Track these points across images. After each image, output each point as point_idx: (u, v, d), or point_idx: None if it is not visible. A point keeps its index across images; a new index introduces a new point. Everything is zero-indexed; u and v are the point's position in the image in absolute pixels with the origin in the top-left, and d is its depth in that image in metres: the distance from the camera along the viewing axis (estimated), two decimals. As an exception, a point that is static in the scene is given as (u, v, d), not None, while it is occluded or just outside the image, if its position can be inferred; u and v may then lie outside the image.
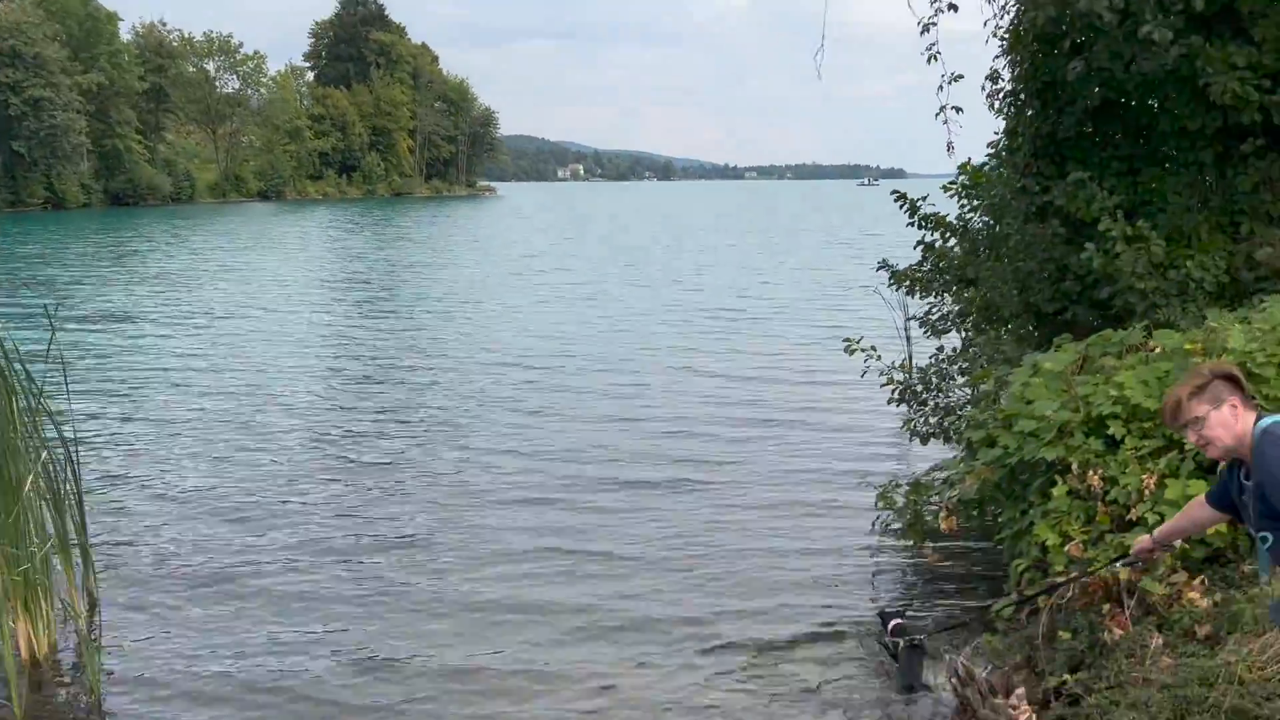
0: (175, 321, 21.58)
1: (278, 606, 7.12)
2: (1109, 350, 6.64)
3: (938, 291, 10.47)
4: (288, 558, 8.04)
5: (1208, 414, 3.39)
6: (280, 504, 9.39)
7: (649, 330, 20.00)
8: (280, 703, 5.84)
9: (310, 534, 8.59)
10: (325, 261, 37.26)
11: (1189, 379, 3.49)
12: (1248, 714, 4.37)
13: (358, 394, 14.50)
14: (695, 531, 8.64)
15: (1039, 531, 5.81)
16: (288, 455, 11.11)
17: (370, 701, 5.86)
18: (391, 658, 6.38)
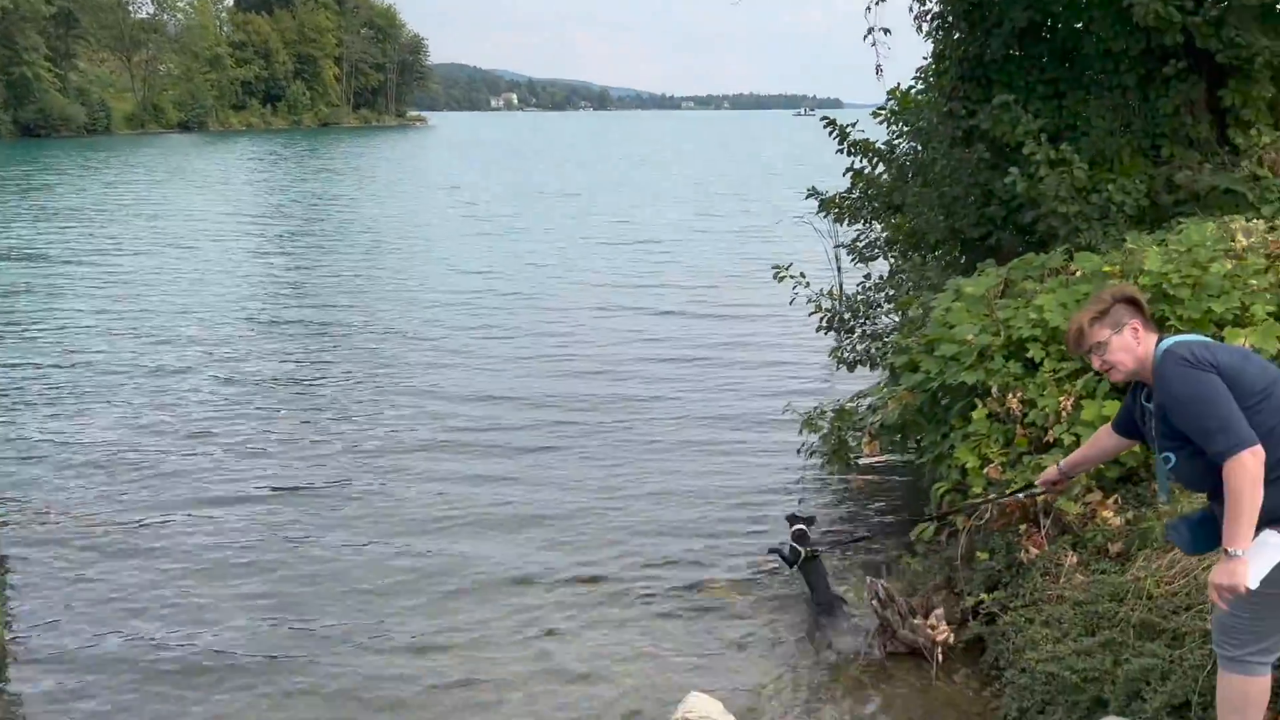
0: (83, 259, 20.61)
1: (186, 563, 6.77)
2: (1030, 274, 6.66)
3: (866, 219, 10.44)
4: (197, 511, 7.66)
5: (1109, 339, 3.40)
6: (191, 454, 8.99)
7: (578, 265, 19.75)
8: (189, 667, 5.52)
9: (222, 486, 8.24)
10: (245, 195, 36.08)
11: (1090, 304, 3.48)
12: (1155, 627, 4.46)
13: (274, 335, 13.99)
14: (623, 468, 8.58)
15: (959, 454, 5.85)
16: (200, 401, 10.67)
17: (281, 656, 5.67)
18: (304, 613, 6.18)
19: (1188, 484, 3.40)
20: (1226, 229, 6.16)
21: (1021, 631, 4.95)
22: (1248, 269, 5.71)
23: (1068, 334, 3.55)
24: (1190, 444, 3.23)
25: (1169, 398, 3.23)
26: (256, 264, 20.50)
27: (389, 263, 20.38)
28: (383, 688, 5.34)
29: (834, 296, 10.18)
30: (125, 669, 5.49)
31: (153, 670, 5.48)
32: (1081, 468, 4.16)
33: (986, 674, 5.20)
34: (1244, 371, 3.19)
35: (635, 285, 17.38)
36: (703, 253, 21.15)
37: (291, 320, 14.92)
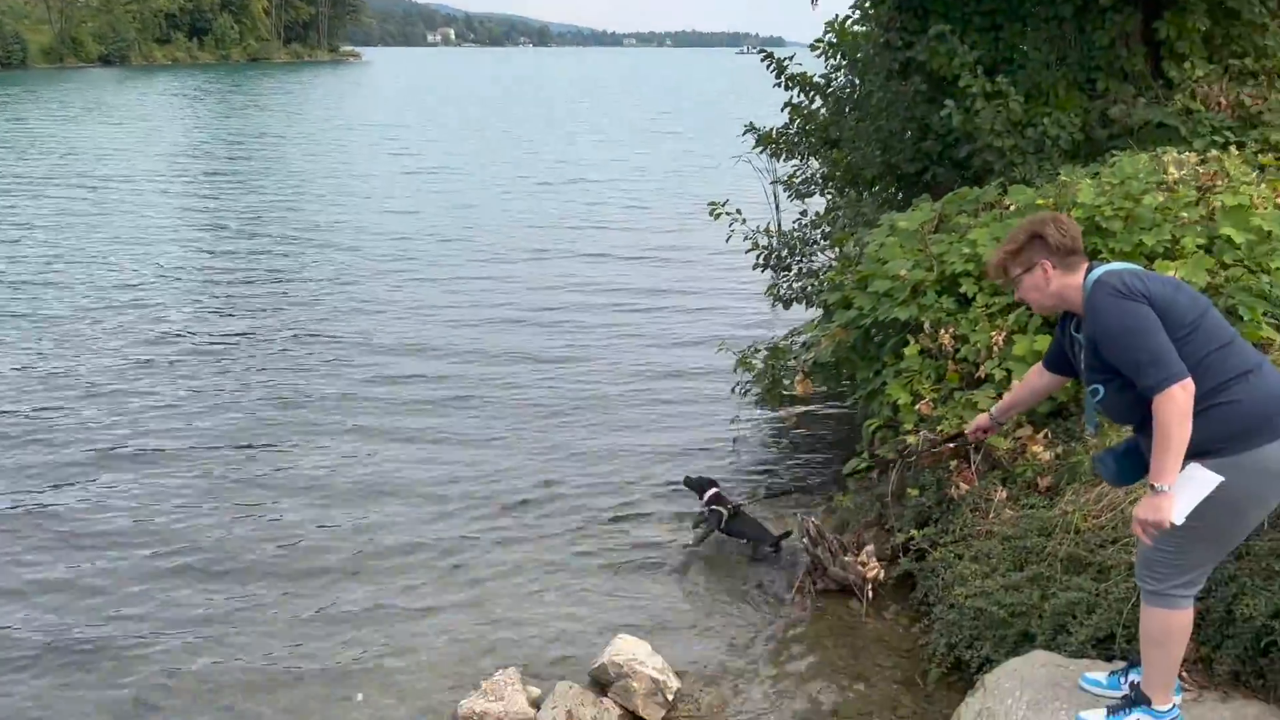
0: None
1: (92, 518, 6.48)
2: (964, 208, 6.58)
3: (803, 154, 10.29)
4: (102, 469, 7.24)
5: (1020, 277, 3.35)
6: (90, 408, 8.47)
7: (513, 206, 19.18)
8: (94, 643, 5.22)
9: (133, 436, 7.86)
10: (165, 132, 34.52)
11: (1007, 240, 3.40)
12: (1082, 561, 4.46)
13: (188, 281, 13.26)
14: (557, 415, 8.38)
15: (891, 391, 5.79)
16: (103, 351, 10.08)
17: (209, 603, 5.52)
18: (239, 552, 6.04)
19: (1115, 417, 3.34)
20: (1159, 161, 6.12)
21: (951, 567, 4.93)
22: (1179, 201, 5.68)
23: (988, 268, 3.48)
24: (1119, 377, 3.16)
25: (1099, 330, 3.15)
26: (172, 205, 19.50)
27: (315, 204, 19.55)
28: (307, 635, 5.19)
29: (771, 234, 10.03)
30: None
31: (54, 648, 5.16)
32: (1014, 411, 4.08)
33: (916, 610, 5.20)
34: (1175, 302, 3.11)
35: (571, 227, 16.99)
36: (641, 192, 20.83)
37: (207, 265, 14.20)
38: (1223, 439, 3.04)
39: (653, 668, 4.46)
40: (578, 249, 15.13)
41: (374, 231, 16.60)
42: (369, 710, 4.57)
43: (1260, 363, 3.13)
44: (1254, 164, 6.50)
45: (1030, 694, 3.76)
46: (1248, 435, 3.03)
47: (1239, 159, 6.27)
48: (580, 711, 4.27)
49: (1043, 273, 3.31)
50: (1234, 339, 3.14)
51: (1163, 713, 3.36)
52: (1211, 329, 3.12)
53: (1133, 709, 3.41)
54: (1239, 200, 5.59)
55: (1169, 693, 3.38)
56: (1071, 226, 3.32)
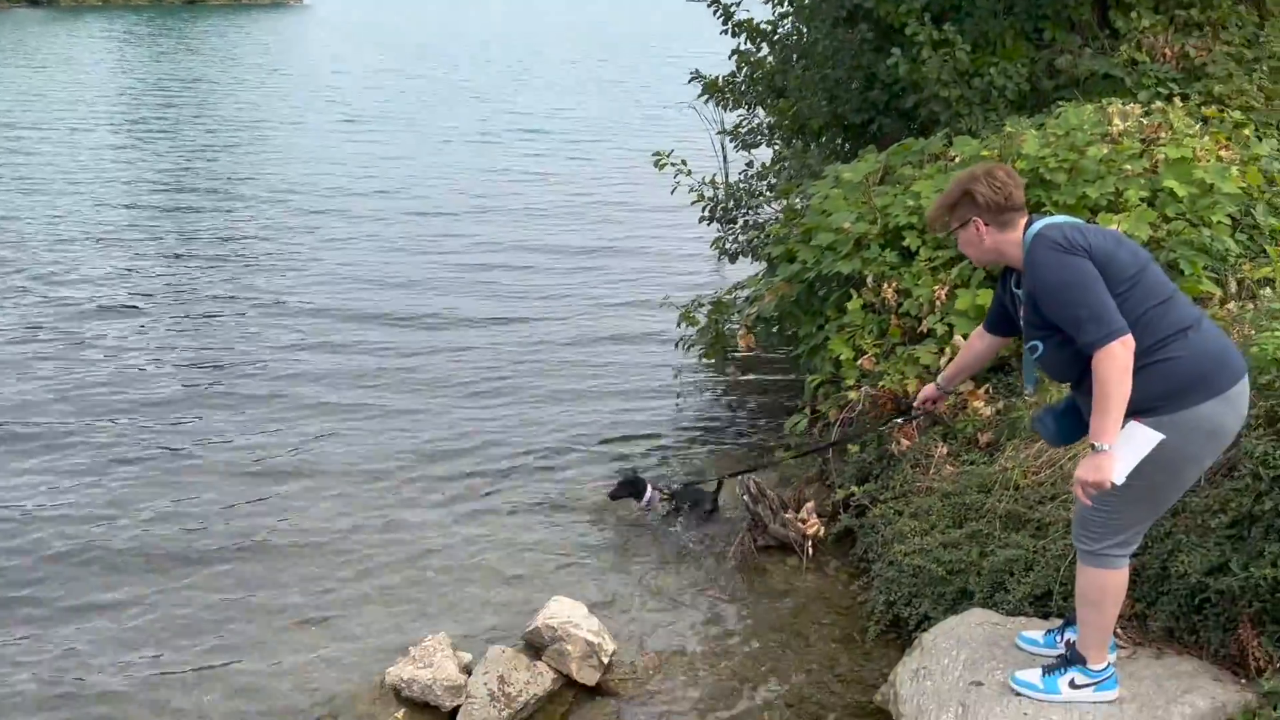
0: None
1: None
2: (909, 159, 6.47)
3: (750, 103, 10.09)
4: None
5: (956, 232, 3.29)
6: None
7: (452, 158, 18.17)
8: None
9: (33, 406, 7.35)
10: (90, 76, 32.91)
11: (942, 195, 3.33)
12: (1021, 518, 4.43)
13: (105, 233, 12.39)
14: (496, 372, 8.11)
15: (833, 346, 5.71)
16: (6, 306, 9.46)
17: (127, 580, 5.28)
18: (182, 526, 5.78)
19: (1054, 375, 3.28)
20: (1104, 113, 6.04)
21: (890, 524, 4.89)
22: (1123, 154, 5.61)
23: (928, 220, 3.40)
24: (1058, 333, 3.08)
25: (1039, 284, 3.06)
26: (87, 154, 17.81)
27: (243, 155, 18.11)
28: (232, 603, 5.02)
29: (717, 185, 9.86)
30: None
31: None
32: (959, 378, 4.02)
33: (856, 567, 5.16)
34: (1115, 256, 3.03)
35: (512, 180, 16.25)
36: (584, 142, 20.25)
37: (123, 220, 13.12)
38: (1161, 397, 2.98)
39: (588, 630, 4.36)
40: (518, 203, 14.51)
41: (304, 184, 15.52)
42: (294, 679, 4.43)
43: (1199, 318, 3.07)
44: (1197, 116, 6.46)
45: (967, 653, 3.72)
46: (1185, 393, 2.97)
47: (1183, 111, 6.22)
48: (513, 676, 4.16)
49: (975, 229, 3.22)
50: (1173, 294, 3.07)
51: (1097, 672, 3.34)
52: (1151, 284, 3.04)
53: (1068, 668, 3.38)
54: (1182, 153, 5.54)
55: (1104, 651, 3.35)
56: (1007, 181, 3.20)
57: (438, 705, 4.06)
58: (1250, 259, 5.36)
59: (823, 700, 4.23)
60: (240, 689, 4.39)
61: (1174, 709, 3.28)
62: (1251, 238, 5.57)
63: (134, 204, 14.14)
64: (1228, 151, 5.79)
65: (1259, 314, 4.55)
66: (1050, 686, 3.36)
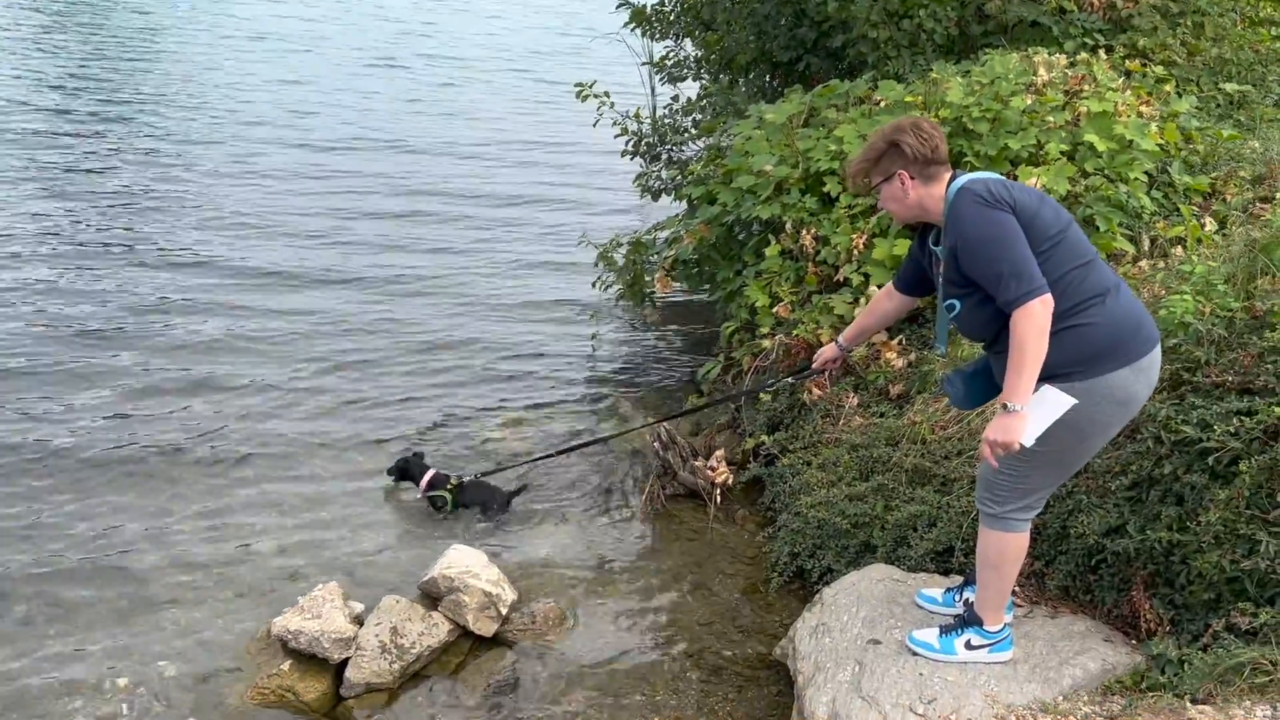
0: None
1: None
2: (834, 102, 6.32)
3: (678, 35, 9.82)
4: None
5: (880, 186, 3.16)
6: None
7: (361, 87, 16.56)
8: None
9: None
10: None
11: (866, 148, 3.18)
12: (927, 473, 4.41)
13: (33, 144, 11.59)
14: (406, 311, 7.79)
15: (749, 293, 5.60)
16: None
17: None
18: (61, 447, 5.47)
19: (969, 333, 3.19)
20: (1029, 62, 5.96)
21: (798, 474, 4.85)
22: (1046, 105, 5.54)
23: (849, 174, 3.25)
24: (977, 290, 2.99)
25: (961, 238, 2.95)
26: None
27: (133, 78, 15.97)
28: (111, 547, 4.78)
29: (641, 119, 9.59)
30: None
31: None
32: (862, 339, 3.91)
33: (764, 516, 5.12)
34: (1039, 214, 2.94)
35: (421, 112, 15.30)
36: (502, 71, 19.41)
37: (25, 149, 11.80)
38: (1074, 363, 2.92)
39: (486, 580, 4.24)
40: (429, 135, 13.65)
41: (196, 111, 13.90)
42: (176, 628, 4.23)
43: (1118, 284, 3.01)
44: (1121, 69, 6.42)
45: (866, 610, 3.70)
46: (1099, 360, 2.92)
47: (1106, 64, 6.17)
48: (406, 627, 4.03)
49: (900, 183, 3.10)
50: (1094, 258, 3.00)
51: (994, 633, 3.33)
52: (1073, 246, 2.97)
53: (965, 629, 3.37)
54: (1104, 107, 5.49)
55: (1001, 613, 3.34)
56: (933, 134, 3.09)
57: (325, 657, 3.91)
58: (1164, 217, 5.37)
59: (722, 651, 4.19)
60: (123, 637, 4.18)
61: (1065, 670, 3.30)
62: (1166, 195, 5.57)
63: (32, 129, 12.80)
64: (1148, 107, 5.77)
65: (1169, 274, 4.55)
66: (946, 647, 3.35)
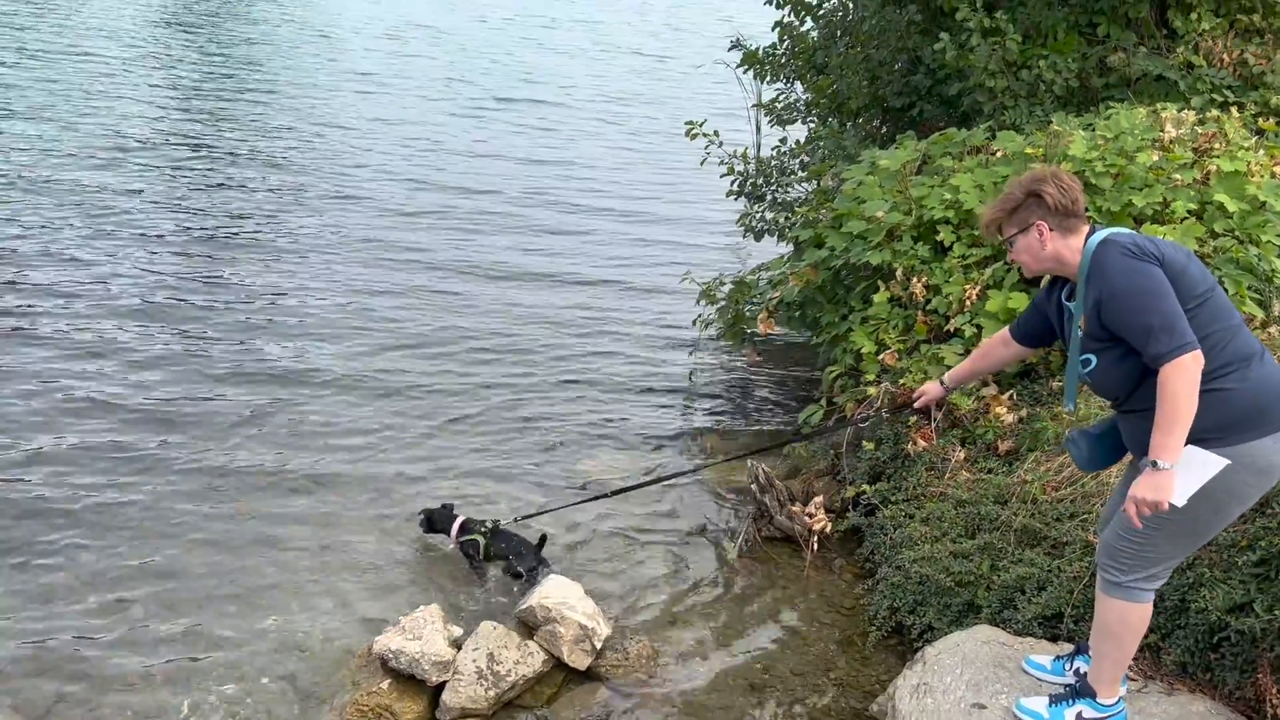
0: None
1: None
2: (949, 150, 6.26)
3: (789, 78, 9.85)
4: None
5: (1015, 237, 3.12)
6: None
7: (481, 125, 16.59)
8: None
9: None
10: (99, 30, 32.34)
11: (1003, 198, 3.16)
12: (1037, 534, 4.29)
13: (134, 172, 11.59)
14: (510, 342, 7.85)
15: (855, 338, 5.55)
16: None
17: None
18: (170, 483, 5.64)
19: (1103, 390, 3.10)
20: (1156, 118, 5.81)
21: (900, 527, 4.76)
22: (1173, 162, 5.39)
23: (983, 224, 3.22)
24: (1118, 345, 2.92)
25: (1107, 290, 2.88)
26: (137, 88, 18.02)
27: (262, 119, 16.47)
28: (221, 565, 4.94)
29: (748, 159, 9.63)
30: None
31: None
32: (970, 379, 3.86)
33: (862, 567, 5.03)
34: (1187, 270, 2.87)
35: (533, 141, 15.50)
36: (614, 108, 19.67)
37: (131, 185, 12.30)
38: (1215, 428, 2.82)
39: (582, 613, 4.25)
40: (539, 167, 13.86)
41: (325, 147, 14.00)
42: (280, 638, 4.34)
43: (1261, 351, 2.91)
44: (1253, 128, 6.22)
45: (971, 673, 3.60)
46: (1240, 426, 2.82)
47: (1238, 121, 5.98)
48: (503, 654, 4.06)
49: (1038, 234, 3.05)
50: (1239, 322, 2.92)
51: (1108, 707, 3.21)
52: (1219, 307, 2.89)
53: (1077, 699, 3.25)
54: (1236, 166, 5.32)
55: (1117, 686, 3.23)
56: (1072, 186, 3.06)
57: (423, 679, 3.96)
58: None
59: (816, 704, 4.12)
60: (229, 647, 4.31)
61: (1183, 751, 3.16)
62: (1299, 260, 5.35)
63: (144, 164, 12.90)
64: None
65: (1303, 342, 4.37)
66: (1056, 717, 3.24)
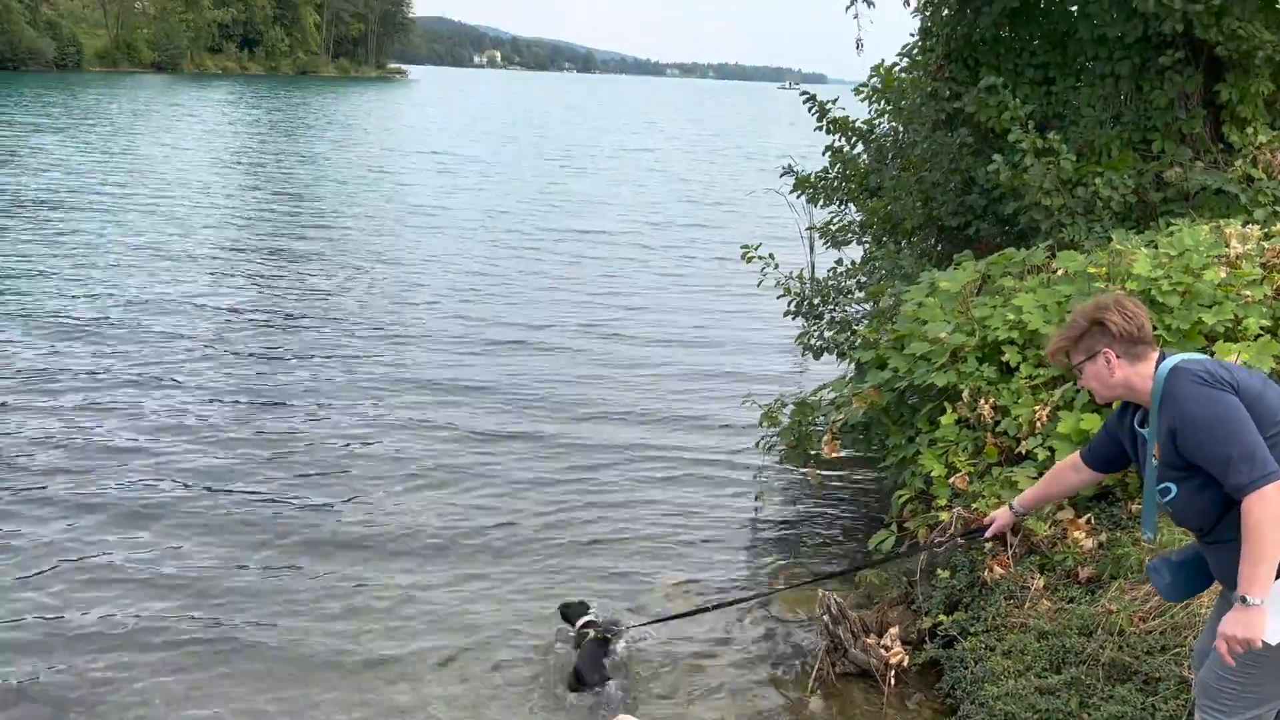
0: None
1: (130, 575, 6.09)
2: (1010, 270, 6.27)
3: (841, 200, 10.01)
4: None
5: (1083, 365, 3.10)
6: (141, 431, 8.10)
7: (544, 245, 17.68)
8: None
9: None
10: (208, 143, 34.28)
11: (1068, 326, 3.15)
12: (1127, 668, 4.11)
13: (232, 293, 13.01)
14: (573, 460, 7.92)
15: (924, 461, 5.47)
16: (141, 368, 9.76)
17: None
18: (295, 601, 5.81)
19: (1184, 520, 3.01)
20: (1220, 234, 5.78)
21: (981, 660, 4.59)
22: (1242, 278, 5.34)
23: (1049, 352, 3.21)
24: (1198, 474, 2.85)
25: (1182, 419, 2.83)
26: (219, 219, 19.05)
27: (357, 226, 18.50)
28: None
29: (804, 280, 9.74)
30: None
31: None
32: (1040, 505, 3.78)
33: (942, 702, 4.83)
34: (1263, 397, 2.81)
35: (596, 275, 16.14)
36: (671, 229, 20.20)
37: (252, 284, 13.71)
38: (1304, 562, 2.71)
39: (654, 755, 4.13)
40: (606, 286, 14.55)
41: (412, 261, 15.77)
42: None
43: (1350, 478, 2.81)
44: (1320, 239, 6.14)
45: (1066, 822, 3.41)
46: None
47: (1306, 234, 5.92)
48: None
49: (1105, 362, 3.02)
50: None
51: None
52: None
53: None
54: (1307, 280, 5.24)
55: (1225, 837, 3.02)
56: (1138, 313, 3.03)
57: None
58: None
59: None
60: None
61: None
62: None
63: (253, 266, 14.71)
64: (1356, 280, 5.48)
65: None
66: None
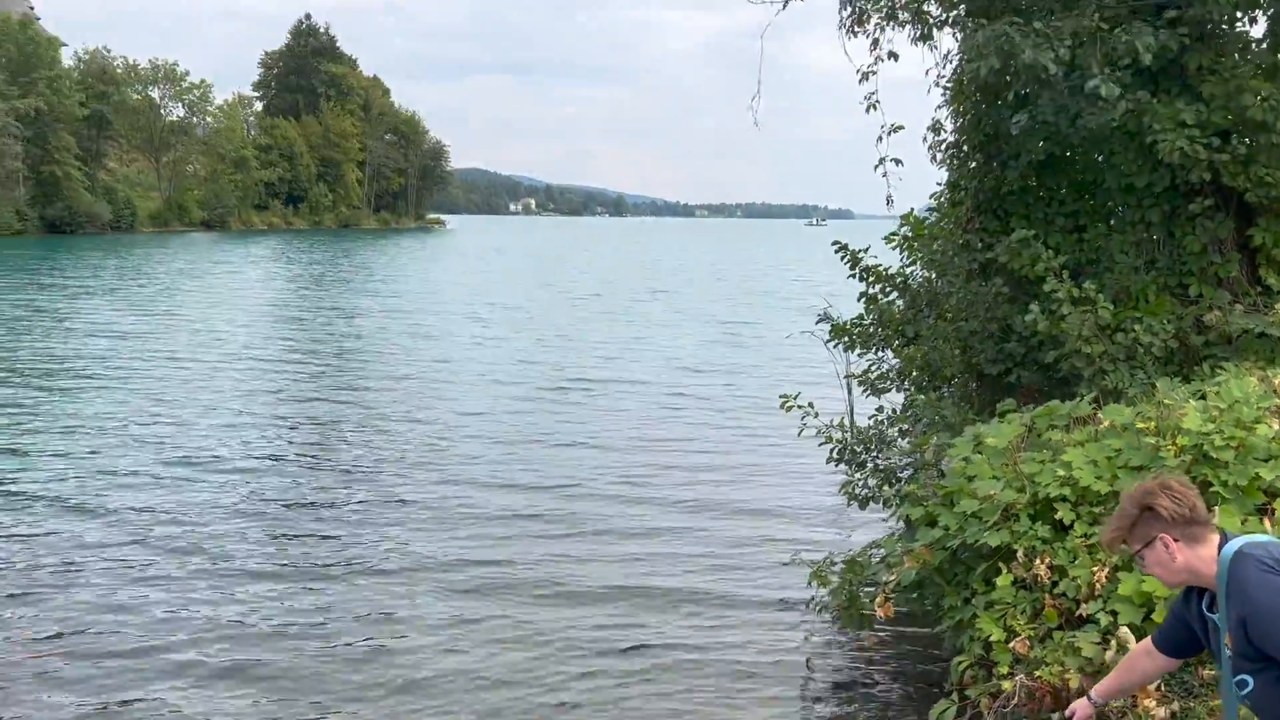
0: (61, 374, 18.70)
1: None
2: (1055, 422, 6.21)
3: (878, 347, 10.07)
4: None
5: (1143, 553, 3.01)
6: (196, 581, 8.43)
7: (561, 410, 16.95)
8: None
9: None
10: (253, 299, 35.50)
11: (1118, 514, 3.06)
12: None
13: (285, 443, 13.50)
14: (621, 625, 7.72)
15: (982, 625, 5.32)
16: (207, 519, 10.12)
17: None
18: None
19: (1265, 713, 2.88)
20: (1269, 383, 5.73)
21: (1057, 844, 4.34)
22: (1296, 430, 5.25)
23: (1104, 542, 3.15)
24: (1275, 666, 2.74)
25: (1253, 610, 2.74)
26: (261, 373, 19.84)
27: (390, 382, 18.86)
28: None
29: (844, 428, 9.71)
30: None
31: None
32: (1118, 695, 3.63)
33: None
34: None
35: (643, 411, 16.41)
36: (711, 378, 20.22)
37: (305, 443, 14.03)
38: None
39: None
40: (622, 455, 13.67)
41: (457, 409, 16.17)
42: None
43: None
44: (1371, 384, 6.05)
45: None
46: None
47: (1355, 379, 5.85)
48: None
49: (1164, 547, 2.95)
50: None
51: None
52: None
53: None
54: (1363, 430, 5.15)
55: None
56: (1187, 493, 2.97)
57: None
58: None
59: None
60: None
61: None
62: None
63: (299, 422, 14.97)
64: None
65: None
66: None
